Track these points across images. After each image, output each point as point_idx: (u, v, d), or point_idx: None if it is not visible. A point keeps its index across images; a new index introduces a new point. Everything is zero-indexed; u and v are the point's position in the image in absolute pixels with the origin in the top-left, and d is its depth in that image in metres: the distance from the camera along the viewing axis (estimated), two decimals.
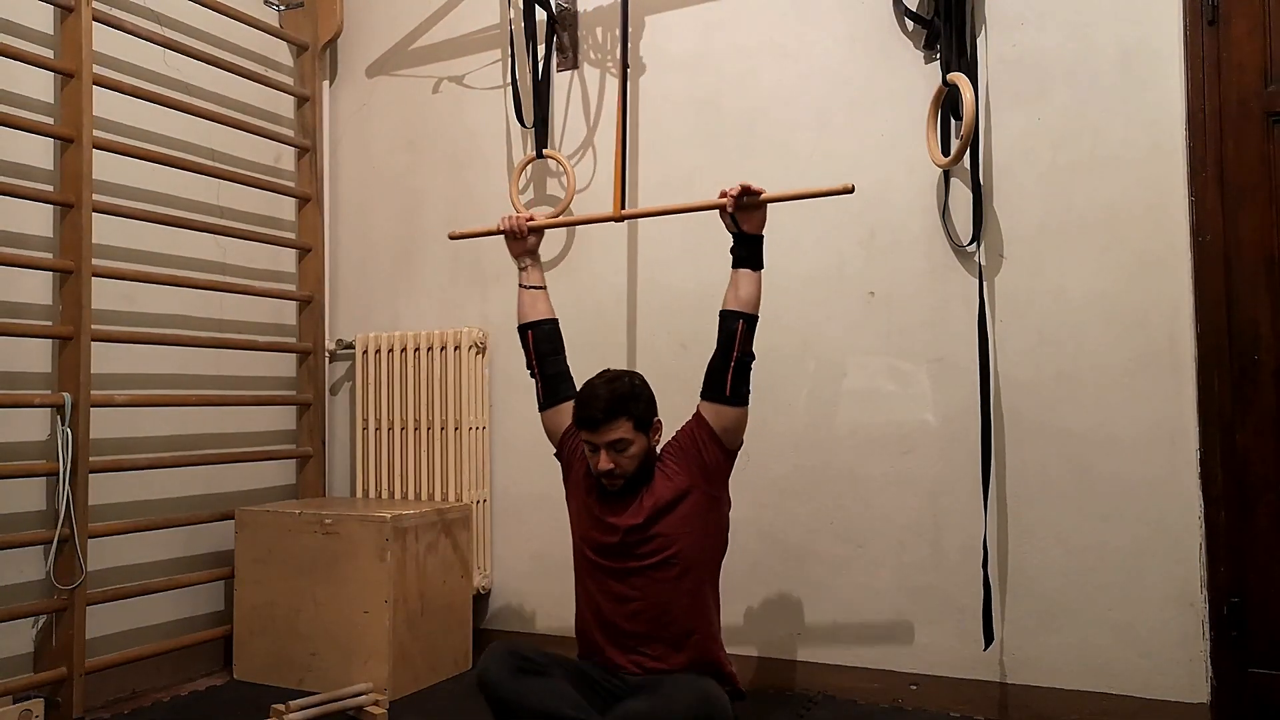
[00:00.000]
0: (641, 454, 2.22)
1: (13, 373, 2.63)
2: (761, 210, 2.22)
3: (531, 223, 2.44)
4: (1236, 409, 2.37)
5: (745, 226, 2.20)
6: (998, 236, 2.62)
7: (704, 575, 2.25)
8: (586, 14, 3.17)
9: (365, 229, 3.55)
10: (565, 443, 2.39)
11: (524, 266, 2.47)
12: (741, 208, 2.21)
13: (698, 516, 2.22)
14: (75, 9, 2.67)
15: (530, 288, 2.44)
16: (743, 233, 2.21)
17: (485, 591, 3.20)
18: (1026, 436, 2.57)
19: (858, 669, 2.71)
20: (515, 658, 2.06)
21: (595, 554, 2.26)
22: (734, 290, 2.23)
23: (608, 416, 2.16)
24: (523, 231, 2.43)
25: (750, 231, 2.21)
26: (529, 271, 2.46)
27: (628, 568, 2.21)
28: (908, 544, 2.68)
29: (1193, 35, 2.43)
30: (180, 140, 3.09)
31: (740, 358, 2.20)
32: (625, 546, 2.21)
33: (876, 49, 2.76)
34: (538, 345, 2.41)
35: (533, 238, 2.45)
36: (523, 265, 2.47)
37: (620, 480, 2.21)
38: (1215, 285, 2.39)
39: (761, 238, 2.24)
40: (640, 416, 2.20)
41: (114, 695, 2.81)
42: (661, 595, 2.19)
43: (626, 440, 2.17)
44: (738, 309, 2.21)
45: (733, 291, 2.23)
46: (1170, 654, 2.41)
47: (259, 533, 2.98)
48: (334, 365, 3.57)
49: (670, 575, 2.19)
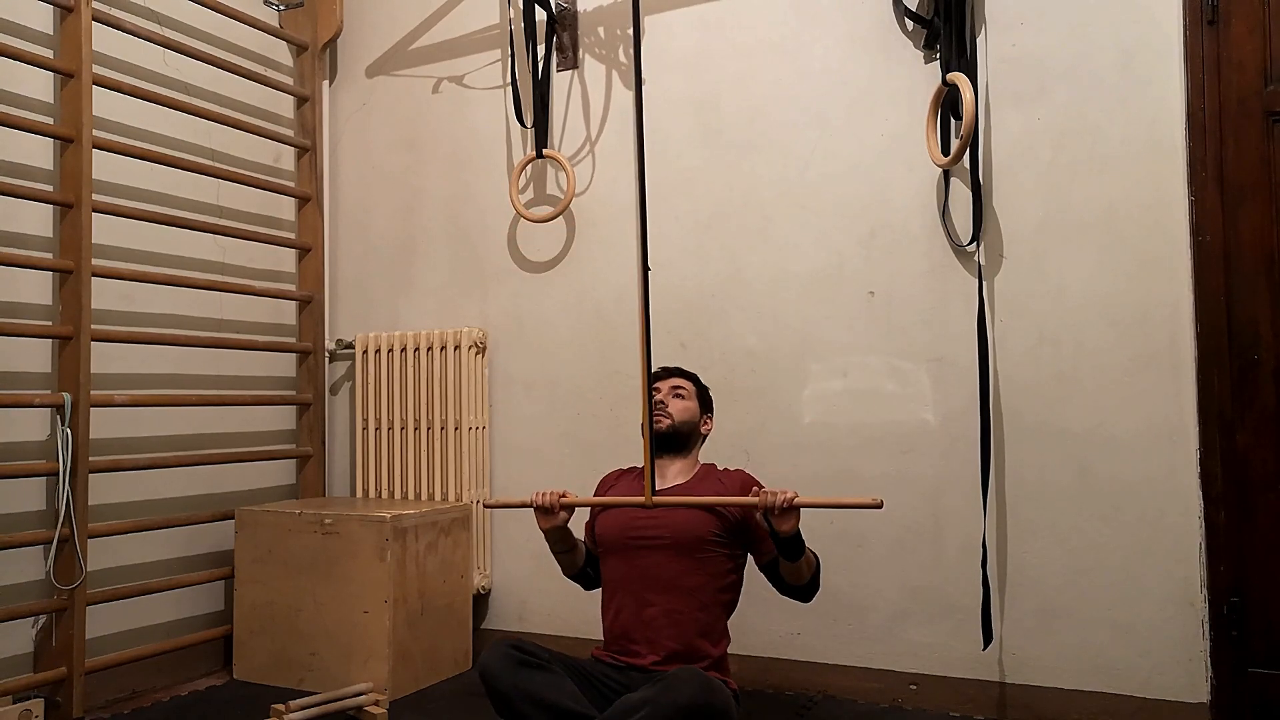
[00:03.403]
0: (690, 416, 2.42)
1: (12, 373, 2.63)
2: (796, 514, 2.12)
3: (565, 500, 2.33)
4: (1236, 409, 2.37)
5: (780, 529, 2.12)
6: (997, 236, 2.62)
7: (718, 590, 2.28)
8: (586, 14, 3.17)
9: (365, 229, 3.55)
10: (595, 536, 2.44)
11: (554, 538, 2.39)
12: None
13: (721, 540, 2.27)
14: (75, 9, 2.67)
15: (566, 552, 2.41)
16: (778, 534, 2.14)
17: (485, 591, 3.21)
18: (1026, 436, 2.57)
19: (858, 669, 2.72)
20: (516, 651, 2.09)
21: (623, 551, 2.30)
22: (782, 575, 2.26)
23: (678, 374, 2.50)
24: (556, 507, 2.33)
25: (785, 533, 2.12)
26: (562, 539, 2.39)
27: (651, 565, 2.25)
28: (908, 544, 2.68)
29: (1192, 35, 2.43)
30: (180, 140, 3.09)
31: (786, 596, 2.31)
32: (654, 541, 2.26)
33: (876, 49, 2.76)
34: (592, 580, 2.47)
35: (564, 514, 2.34)
36: (552, 537, 2.38)
37: (665, 420, 2.37)
38: (1215, 285, 2.39)
39: (799, 536, 2.15)
40: (702, 389, 2.50)
41: (114, 695, 2.81)
42: (678, 598, 2.23)
43: (686, 392, 2.45)
44: (786, 589, 2.29)
45: (781, 574, 2.26)
46: (1170, 654, 2.41)
47: (259, 532, 2.98)
48: (334, 365, 3.57)
49: (690, 580, 2.24)
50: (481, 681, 2.08)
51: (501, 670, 2.05)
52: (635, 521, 2.30)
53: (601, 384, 3.08)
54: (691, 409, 2.43)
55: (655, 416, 2.38)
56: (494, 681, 2.05)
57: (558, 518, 2.34)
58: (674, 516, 2.27)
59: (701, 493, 2.31)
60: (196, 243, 3.13)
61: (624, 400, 3.03)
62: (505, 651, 2.08)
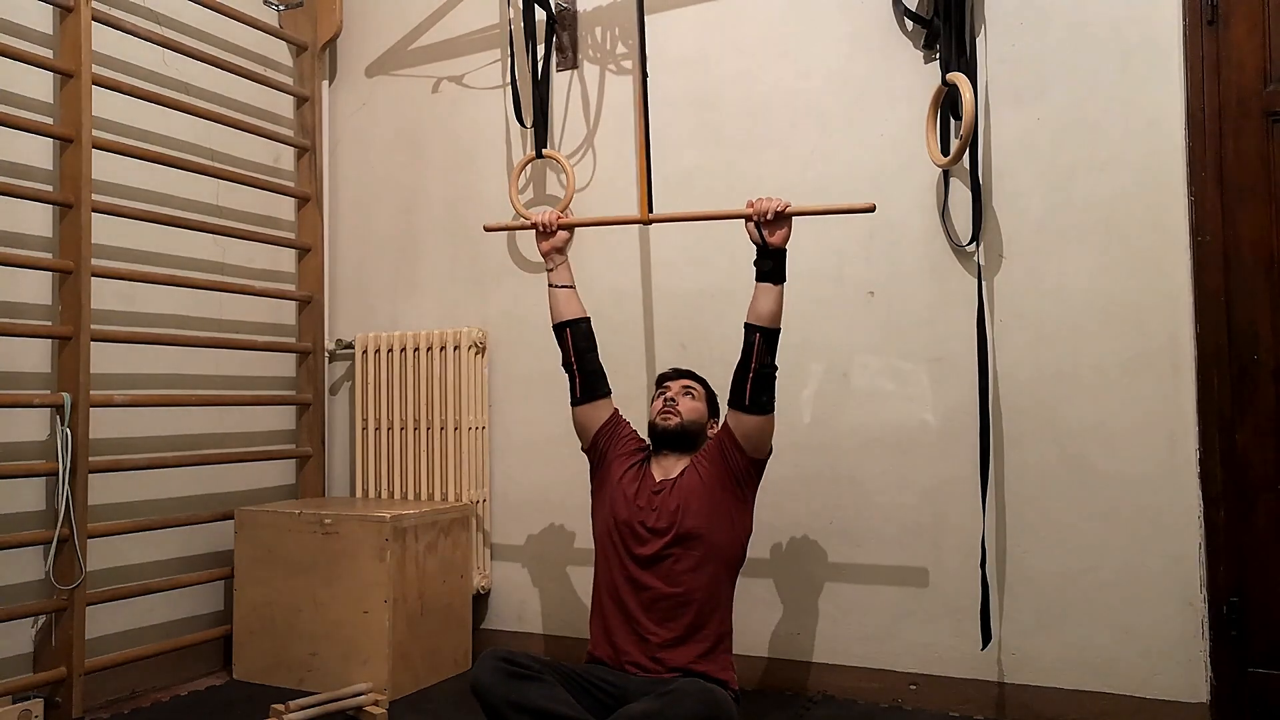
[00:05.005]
0: (698, 415, 2.45)
1: (12, 373, 2.63)
2: (787, 224, 2.26)
3: (563, 220, 2.51)
4: (1236, 409, 2.37)
5: (770, 239, 2.24)
6: (997, 236, 2.62)
7: (721, 572, 2.31)
8: (586, 14, 3.17)
9: (365, 229, 3.55)
10: (600, 438, 2.48)
11: (552, 266, 2.53)
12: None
13: (722, 514, 2.30)
14: (75, 9, 2.67)
15: (561, 287, 2.51)
16: (767, 245, 2.25)
17: (485, 591, 3.20)
18: (1026, 436, 2.57)
19: (858, 669, 2.72)
20: (506, 663, 2.08)
21: (620, 536, 2.32)
22: (755, 304, 2.28)
23: (689, 375, 2.53)
24: (553, 226, 2.50)
25: (775, 244, 2.25)
26: (559, 270, 2.52)
27: (650, 555, 2.27)
28: (908, 544, 2.68)
29: (1192, 35, 2.43)
30: (180, 140, 3.09)
31: (759, 369, 2.26)
32: (652, 530, 2.29)
33: (876, 49, 2.76)
34: (576, 343, 2.48)
35: (563, 233, 2.52)
36: (551, 265, 2.53)
37: (674, 418, 2.40)
38: (1214, 285, 2.39)
39: (785, 252, 2.27)
40: (710, 393, 2.53)
41: (114, 695, 2.81)
42: (679, 584, 2.25)
43: (697, 393, 2.48)
44: (756, 323, 2.27)
45: (754, 305, 2.28)
46: (1170, 654, 2.41)
47: (259, 533, 2.98)
48: (334, 365, 3.57)
49: (689, 564, 2.26)
50: (474, 696, 2.08)
51: (493, 683, 2.04)
52: (639, 513, 2.32)
53: None
54: (700, 410, 2.46)
55: (665, 413, 2.42)
56: (486, 695, 2.05)
57: (556, 237, 2.50)
58: (673, 508, 2.29)
59: (690, 483, 2.33)
60: (196, 243, 3.13)
61: (624, 400, 3.01)
62: (495, 664, 2.07)
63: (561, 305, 2.50)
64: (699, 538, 2.27)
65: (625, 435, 2.50)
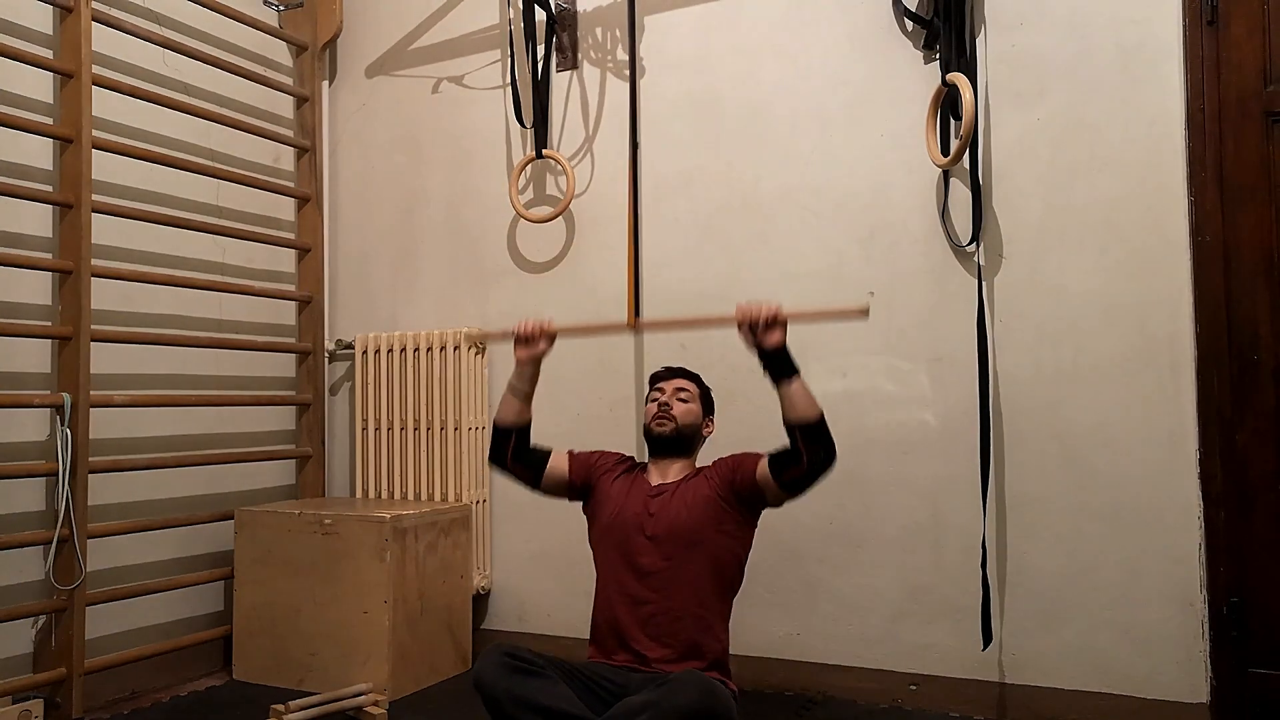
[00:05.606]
0: (692, 418, 2.39)
1: (12, 373, 2.63)
2: (780, 326, 2.11)
3: (548, 328, 2.32)
4: (1235, 409, 2.37)
5: (765, 343, 2.11)
6: (997, 236, 2.62)
7: (719, 589, 2.27)
8: (586, 14, 3.17)
9: (365, 229, 3.55)
10: (576, 478, 2.40)
11: (525, 373, 2.35)
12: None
13: (722, 526, 2.26)
14: (74, 9, 2.67)
15: (522, 392, 2.35)
16: (763, 349, 2.12)
17: (485, 591, 3.20)
18: (1026, 436, 2.57)
19: (857, 669, 2.71)
20: (510, 658, 2.08)
21: (619, 537, 2.29)
22: (782, 409, 2.14)
23: (681, 375, 2.46)
24: (538, 336, 2.32)
25: (771, 346, 2.11)
26: (528, 378, 2.35)
27: (648, 564, 2.24)
28: (908, 544, 2.68)
29: (1192, 35, 2.43)
30: (179, 140, 3.09)
31: (811, 463, 2.13)
32: (650, 538, 2.25)
33: (876, 49, 2.76)
34: (518, 444, 2.36)
35: (544, 344, 2.33)
36: (523, 371, 2.35)
37: (668, 424, 2.35)
38: (1214, 285, 2.39)
39: (785, 349, 2.12)
40: (704, 390, 2.47)
41: (113, 696, 2.81)
42: (675, 598, 2.22)
43: (689, 394, 2.42)
44: (793, 423, 2.13)
45: (782, 410, 2.14)
46: (1170, 654, 2.41)
47: (259, 533, 2.97)
48: (333, 365, 3.56)
49: (687, 576, 2.23)
50: (476, 690, 2.08)
51: (495, 678, 2.04)
52: (635, 518, 2.30)
53: (601, 384, 3.07)
54: (695, 412, 2.42)
55: (659, 419, 2.37)
56: (488, 689, 2.05)
57: (538, 348, 2.33)
58: (672, 514, 2.27)
59: (693, 492, 2.29)
60: (196, 243, 3.13)
61: (624, 400, 3.03)
62: (498, 659, 2.07)
63: (516, 411, 2.35)
64: (699, 544, 2.24)
65: (596, 460, 2.43)
